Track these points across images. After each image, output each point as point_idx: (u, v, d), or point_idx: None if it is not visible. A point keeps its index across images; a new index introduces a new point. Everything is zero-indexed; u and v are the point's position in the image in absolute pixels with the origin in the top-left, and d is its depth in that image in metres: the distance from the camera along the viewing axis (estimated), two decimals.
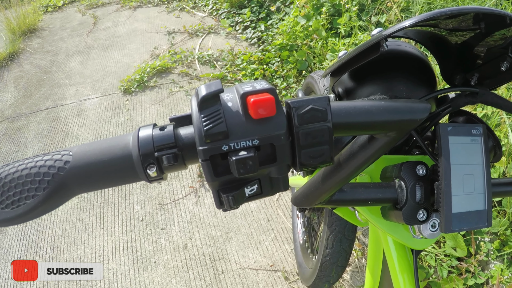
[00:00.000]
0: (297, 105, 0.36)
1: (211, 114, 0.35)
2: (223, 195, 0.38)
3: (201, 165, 0.36)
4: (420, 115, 0.41)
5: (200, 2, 4.54)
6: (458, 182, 0.48)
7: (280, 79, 2.84)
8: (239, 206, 0.40)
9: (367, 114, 0.40)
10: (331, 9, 2.85)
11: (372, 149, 0.44)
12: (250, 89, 0.36)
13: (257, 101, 0.35)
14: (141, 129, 0.39)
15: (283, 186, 0.42)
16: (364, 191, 0.53)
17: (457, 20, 0.49)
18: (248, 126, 0.36)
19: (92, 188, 0.39)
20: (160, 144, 0.38)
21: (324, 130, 0.37)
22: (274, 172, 0.39)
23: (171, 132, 0.38)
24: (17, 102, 3.29)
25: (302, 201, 0.55)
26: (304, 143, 0.37)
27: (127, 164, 0.38)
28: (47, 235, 2.06)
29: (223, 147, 0.35)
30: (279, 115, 0.36)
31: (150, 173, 0.38)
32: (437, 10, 0.42)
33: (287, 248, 1.77)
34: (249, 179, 0.39)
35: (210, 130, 0.34)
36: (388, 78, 0.63)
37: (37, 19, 4.78)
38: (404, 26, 0.43)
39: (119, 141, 0.39)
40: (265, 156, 0.38)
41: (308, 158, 0.38)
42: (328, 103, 0.37)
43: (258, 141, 0.36)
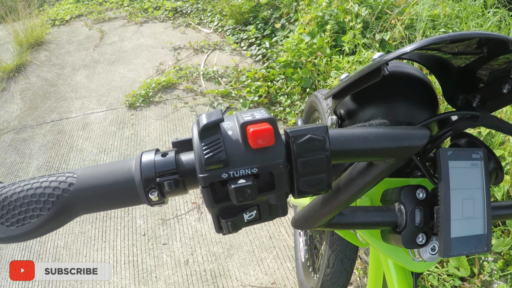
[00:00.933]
0: (296, 134, 0.37)
1: (211, 143, 0.36)
2: (222, 220, 0.39)
3: (201, 192, 0.37)
4: (418, 141, 0.42)
5: (206, 18, 4.60)
6: (457, 207, 0.48)
7: (285, 96, 2.86)
8: (238, 230, 0.40)
9: (365, 141, 0.40)
10: (336, 27, 2.89)
11: (371, 175, 0.45)
12: (250, 118, 0.37)
13: (256, 132, 0.36)
14: (143, 154, 0.40)
15: (282, 212, 0.42)
16: (363, 214, 0.53)
17: (459, 45, 0.50)
18: (247, 155, 0.37)
19: (95, 209, 0.40)
20: (161, 170, 0.39)
21: (322, 159, 0.38)
22: (273, 199, 0.40)
23: (173, 158, 0.39)
24: (23, 113, 3.32)
25: (302, 224, 0.55)
26: (302, 172, 0.38)
27: (130, 188, 0.39)
28: (49, 246, 2.06)
29: (222, 175, 0.36)
30: (277, 144, 0.37)
31: (151, 197, 0.39)
32: (438, 36, 0.43)
33: (288, 266, 1.76)
34: (248, 205, 0.40)
35: (210, 159, 0.35)
36: (389, 100, 0.64)
37: (44, 32, 4.84)
38: (405, 52, 0.44)
39: (122, 165, 0.40)
40: (264, 183, 0.38)
41: (306, 186, 0.38)
42: (326, 132, 0.38)
43: (257, 170, 0.37)
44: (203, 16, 4.67)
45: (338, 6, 2.98)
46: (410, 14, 2.69)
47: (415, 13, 2.70)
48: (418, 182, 0.61)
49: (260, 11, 3.95)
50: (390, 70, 0.67)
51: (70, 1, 6.24)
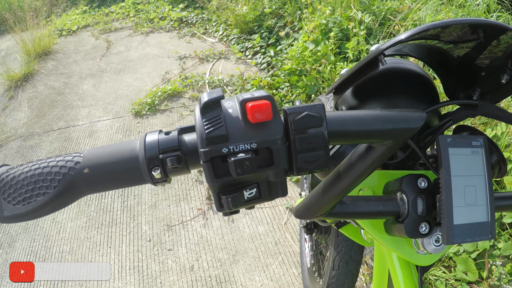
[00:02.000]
0: (293, 111, 0.38)
1: (212, 119, 0.38)
2: (223, 197, 0.40)
3: (202, 167, 0.38)
4: (414, 124, 0.42)
5: (211, 28, 4.64)
6: (459, 194, 0.48)
7: (290, 104, 2.87)
8: (238, 209, 0.41)
9: (362, 122, 0.41)
10: (339, 34, 2.90)
11: (370, 158, 0.45)
12: (249, 96, 0.39)
13: (255, 106, 0.37)
14: (147, 134, 0.42)
15: (281, 192, 0.43)
16: (365, 204, 0.53)
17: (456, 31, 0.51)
18: (246, 131, 0.38)
19: (100, 189, 0.41)
20: (164, 147, 0.40)
21: (319, 135, 0.38)
22: (272, 175, 0.41)
23: (175, 136, 0.41)
24: (30, 121, 3.35)
25: (303, 213, 0.56)
26: (300, 148, 0.38)
27: (134, 166, 0.40)
28: (54, 251, 2.07)
29: (223, 150, 0.37)
30: (275, 120, 0.39)
31: (154, 174, 0.40)
32: (430, 23, 0.44)
33: (294, 271, 1.76)
34: (248, 182, 0.41)
35: (211, 133, 0.37)
36: (390, 96, 0.64)
37: (51, 42, 4.90)
38: (401, 40, 0.44)
39: (127, 145, 0.41)
40: (263, 159, 0.39)
41: (304, 162, 0.39)
42: (323, 109, 0.39)
43: (256, 145, 0.38)
44: (208, 26, 4.72)
45: (342, 13, 3.00)
46: (413, 20, 2.70)
47: (418, 18, 2.71)
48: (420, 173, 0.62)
49: (264, 20, 3.99)
50: (390, 66, 0.68)
51: (77, 12, 6.33)
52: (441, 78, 0.66)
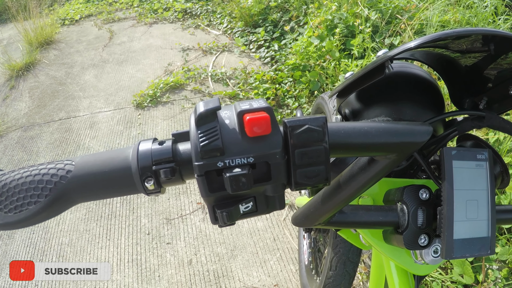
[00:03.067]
0: (294, 124, 0.37)
1: (208, 131, 0.36)
2: (218, 210, 0.38)
3: (197, 180, 0.37)
4: (420, 137, 0.41)
5: (215, 20, 4.61)
6: (461, 208, 0.48)
7: (292, 99, 2.85)
8: (234, 222, 0.40)
9: (366, 135, 0.40)
10: (345, 30, 2.88)
11: (372, 171, 0.44)
12: (247, 107, 0.37)
13: (253, 120, 0.35)
14: (141, 143, 0.40)
15: (279, 205, 0.42)
16: (365, 213, 0.52)
17: (466, 42, 0.49)
18: (243, 144, 0.36)
19: (92, 197, 0.40)
20: (158, 158, 0.39)
21: (320, 150, 0.37)
22: (269, 190, 0.39)
23: (169, 147, 0.39)
24: (31, 111, 3.35)
25: (302, 221, 0.55)
26: (299, 163, 0.37)
27: (126, 176, 0.39)
28: (53, 243, 2.07)
29: (218, 164, 0.36)
30: (274, 134, 0.37)
31: (147, 185, 0.39)
32: (443, 31, 0.42)
33: (292, 268, 1.76)
34: (244, 196, 0.40)
35: (206, 146, 0.35)
36: (395, 100, 0.63)
37: (54, 32, 4.88)
38: (409, 48, 0.43)
39: (120, 153, 0.40)
40: (260, 173, 0.38)
41: (303, 177, 0.38)
42: (325, 123, 0.37)
43: (253, 159, 0.36)
44: (212, 18, 4.69)
45: (348, 9, 2.97)
46: (420, 19, 2.68)
47: (425, 18, 2.68)
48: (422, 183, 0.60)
49: (269, 13, 3.96)
50: (396, 70, 0.67)
51: (80, 1, 6.29)
52: (448, 84, 0.65)
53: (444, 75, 0.65)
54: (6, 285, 1.86)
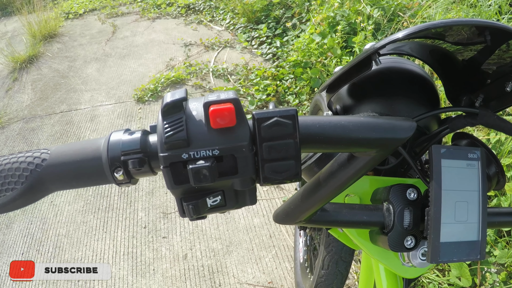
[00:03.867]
0: (262, 116, 0.36)
1: (173, 122, 0.35)
2: (184, 203, 0.38)
3: (162, 172, 0.36)
4: (403, 133, 0.39)
5: (218, 16, 4.60)
6: (449, 209, 0.45)
7: (293, 96, 2.84)
8: (203, 216, 0.39)
9: (343, 129, 0.38)
10: (347, 28, 2.86)
11: (352, 168, 0.42)
12: (214, 98, 0.36)
13: (216, 111, 0.35)
14: (113, 133, 0.40)
15: (250, 200, 0.41)
16: (348, 212, 0.50)
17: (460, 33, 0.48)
18: (209, 136, 0.35)
19: (66, 186, 0.40)
20: (126, 149, 0.38)
21: (290, 144, 0.36)
22: (237, 184, 0.38)
23: (138, 138, 0.39)
24: (33, 104, 3.35)
25: (282, 218, 0.53)
26: (267, 157, 0.36)
27: (97, 166, 0.38)
28: (51, 234, 2.08)
29: (182, 155, 0.35)
30: (241, 126, 0.36)
31: (117, 176, 0.38)
32: (431, 22, 0.41)
33: (287, 266, 1.75)
34: (212, 189, 0.39)
35: (170, 137, 0.35)
36: (387, 96, 0.62)
37: (58, 25, 4.88)
38: (397, 38, 0.41)
39: (93, 143, 0.40)
40: (227, 167, 0.37)
41: (271, 172, 0.37)
42: (295, 116, 0.36)
43: (219, 152, 0.35)
44: (215, 14, 4.68)
45: (350, 7, 2.95)
46: (423, 17, 2.65)
47: (428, 16, 2.66)
48: (411, 182, 0.58)
49: (272, 10, 3.94)
50: (389, 65, 0.66)
51: None
52: (444, 81, 0.63)
53: (440, 71, 0.64)
54: (3, 275, 1.87)
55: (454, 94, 0.62)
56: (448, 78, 0.63)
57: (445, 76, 0.63)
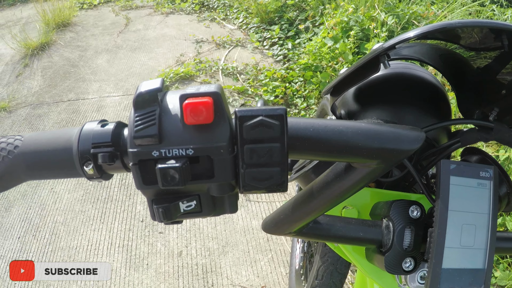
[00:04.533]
0: (245, 114, 0.32)
1: (145, 115, 0.32)
2: (154, 206, 0.34)
3: (131, 169, 0.33)
4: (409, 145, 0.34)
5: (231, 15, 4.59)
6: (455, 232, 0.41)
7: (301, 99, 2.81)
8: (176, 221, 0.36)
9: (339, 135, 0.34)
10: (360, 33, 2.83)
11: (349, 180, 0.38)
12: (192, 91, 0.32)
13: (191, 105, 0.31)
14: (87, 123, 0.37)
15: (229, 208, 0.37)
16: (343, 227, 0.46)
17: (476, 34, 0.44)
18: (184, 133, 0.32)
19: (37, 176, 0.38)
20: (97, 142, 0.35)
21: (275, 148, 0.32)
22: (214, 189, 0.35)
23: (110, 130, 0.36)
24: (41, 90, 3.36)
25: (270, 228, 0.49)
26: (249, 161, 0.32)
27: (67, 158, 0.36)
28: (48, 220, 2.07)
29: (153, 153, 0.32)
30: (220, 124, 0.32)
31: (86, 169, 0.35)
32: (446, 21, 0.37)
33: (282, 271, 1.72)
34: (186, 193, 0.35)
35: (140, 132, 0.31)
36: (396, 103, 0.59)
37: (72, 14, 4.90)
38: (408, 37, 0.38)
39: (66, 133, 0.37)
40: (203, 169, 0.33)
41: (252, 179, 0.33)
42: (284, 116, 0.32)
43: (193, 151, 0.32)
44: (229, 12, 4.66)
45: (365, 12, 2.92)
46: None
47: None
48: (415, 198, 0.53)
49: (286, 11, 3.92)
50: (399, 71, 0.62)
51: None
52: (456, 90, 0.59)
53: (453, 80, 0.60)
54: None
55: (466, 106, 0.58)
56: (460, 88, 0.59)
57: (458, 85, 0.59)
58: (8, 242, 1.96)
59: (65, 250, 1.88)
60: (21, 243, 1.95)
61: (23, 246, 1.93)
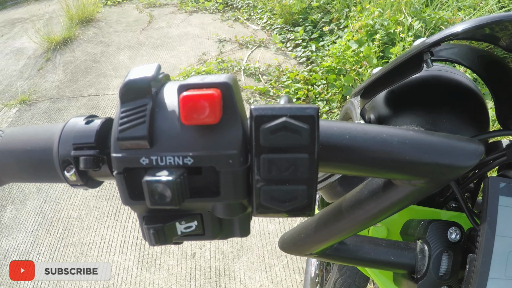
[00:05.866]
0: (264, 113, 0.24)
1: (133, 110, 0.25)
2: (145, 226, 0.27)
3: (115, 179, 0.26)
4: (466, 160, 0.28)
5: (255, 15, 4.55)
6: (501, 261, 0.36)
7: (323, 102, 2.75)
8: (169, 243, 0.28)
9: (382, 145, 0.27)
10: (385, 37, 2.75)
11: (387, 199, 0.31)
12: (196, 81, 0.25)
13: (189, 99, 0.24)
14: (72, 118, 0.31)
15: (240, 231, 0.30)
16: (372, 249, 0.40)
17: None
18: (181, 136, 0.25)
19: (17, 178, 0.32)
20: (78, 142, 0.29)
21: (302, 160, 0.24)
22: (220, 210, 0.28)
23: (94, 128, 0.29)
24: (62, 85, 3.37)
25: (289, 247, 0.43)
26: (267, 176, 0.25)
27: (47, 160, 0.30)
28: (62, 215, 2.06)
29: (141, 160, 0.25)
30: (229, 125, 0.25)
31: (67, 175, 0.29)
32: (503, 13, 0.31)
33: (297, 278, 1.66)
34: (186, 211, 0.28)
35: (125, 132, 0.25)
36: (431, 109, 0.53)
37: (95, 11, 4.94)
38: (455, 32, 0.32)
39: (48, 130, 0.31)
40: (206, 184, 0.26)
41: (270, 199, 0.25)
42: (315, 118, 0.24)
43: (192, 160, 0.25)
44: (253, 12, 4.62)
45: (391, 16, 2.84)
46: None
47: None
48: (451, 217, 0.48)
49: (310, 13, 3.86)
50: (436, 74, 0.56)
51: None
52: (496, 98, 0.53)
53: (493, 87, 0.54)
54: (11, 250, 1.85)
55: (506, 116, 0.52)
56: (501, 94, 0.53)
57: (498, 91, 0.53)
58: (21, 235, 1.95)
59: (78, 246, 1.86)
60: (34, 237, 1.93)
61: (36, 240, 1.92)
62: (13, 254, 1.85)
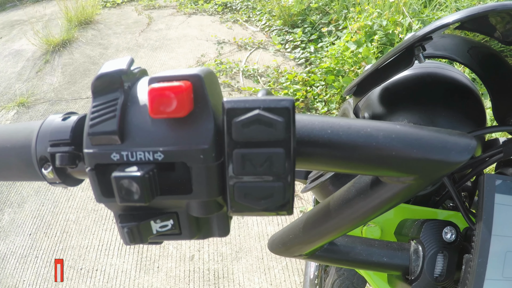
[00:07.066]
0: (236, 106, 0.23)
1: (104, 104, 0.25)
2: (119, 224, 0.26)
3: (88, 176, 0.26)
4: (457, 155, 0.26)
5: (254, 17, 4.54)
6: (498, 261, 0.35)
7: (322, 103, 2.74)
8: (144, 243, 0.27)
9: (367, 140, 0.25)
10: (384, 38, 2.75)
11: (376, 198, 0.30)
12: (167, 74, 0.24)
13: (156, 91, 0.23)
14: (50, 116, 0.31)
15: (218, 231, 0.29)
16: (364, 250, 0.39)
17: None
18: (151, 130, 0.24)
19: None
20: (54, 139, 0.28)
21: (277, 155, 0.23)
22: (194, 208, 0.27)
23: (70, 125, 0.29)
24: (61, 87, 3.37)
25: (278, 248, 0.42)
26: (240, 172, 0.24)
27: (26, 157, 0.30)
28: (60, 218, 2.05)
29: (112, 155, 0.24)
30: (201, 119, 0.24)
31: (45, 172, 0.29)
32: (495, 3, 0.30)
33: (296, 279, 1.65)
34: (160, 209, 0.27)
35: (96, 127, 0.24)
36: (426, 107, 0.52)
37: (94, 12, 4.93)
38: (446, 23, 0.32)
39: (27, 127, 0.31)
40: (180, 180, 0.25)
41: (244, 197, 0.24)
42: (290, 110, 0.23)
43: (163, 156, 0.24)
44: (251, 14, 4.62)
45: (389, 17, 2.84)
46: None
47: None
48: (448, 216, 0.47)
49: (309, 15, 3.86)
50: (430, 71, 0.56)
51: None
52: (492, 94, 0.53)
53: (490, 83, 0.53)
54: (8, 253, 1.84)
55: (503, 113, 0.51)
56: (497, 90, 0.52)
57: (494, 87, 0.53)
58: (19, 238, 1.95)
59: (76, 249, 1.85)
60: (32, 240, 1.93)
61: (34, 243, 1.91)
62: (11, 257, 1.84)
